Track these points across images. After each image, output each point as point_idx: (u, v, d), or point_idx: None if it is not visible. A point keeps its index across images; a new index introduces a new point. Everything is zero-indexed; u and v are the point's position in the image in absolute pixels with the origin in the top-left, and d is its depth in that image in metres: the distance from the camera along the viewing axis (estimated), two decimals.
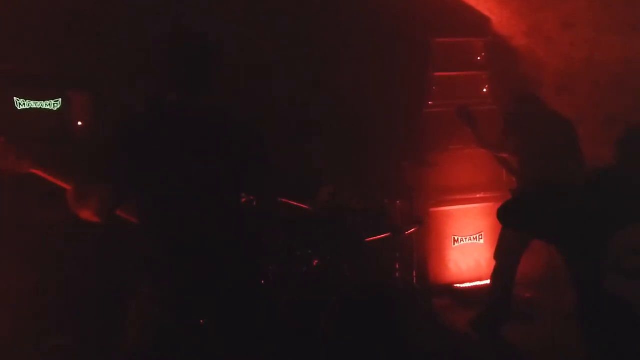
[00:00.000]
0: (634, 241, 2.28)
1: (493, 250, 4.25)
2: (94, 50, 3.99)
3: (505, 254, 4.08)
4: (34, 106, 3.80)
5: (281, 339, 3.26)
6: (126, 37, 3.90)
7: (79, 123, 3.93)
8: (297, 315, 3.58)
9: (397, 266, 4.26)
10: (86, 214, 2.15)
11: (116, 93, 3.92)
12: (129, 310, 2.21)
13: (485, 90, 5.11)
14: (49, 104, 3.85)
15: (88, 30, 4.03)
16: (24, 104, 3.77)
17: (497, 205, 4.85)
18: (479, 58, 5.12)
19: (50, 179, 2.30)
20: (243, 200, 3.55)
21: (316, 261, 3.83)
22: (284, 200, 3.88)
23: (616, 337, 2.33)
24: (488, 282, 4.34)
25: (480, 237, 5.08)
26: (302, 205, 3.93)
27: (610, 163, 2.56)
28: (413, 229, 4.28)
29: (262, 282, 3.45)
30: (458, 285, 5.03)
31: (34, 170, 2.30)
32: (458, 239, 5.07)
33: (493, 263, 4.20)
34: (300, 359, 3.45)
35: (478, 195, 5.09)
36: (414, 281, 4.41)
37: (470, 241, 5.08)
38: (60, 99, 3.87)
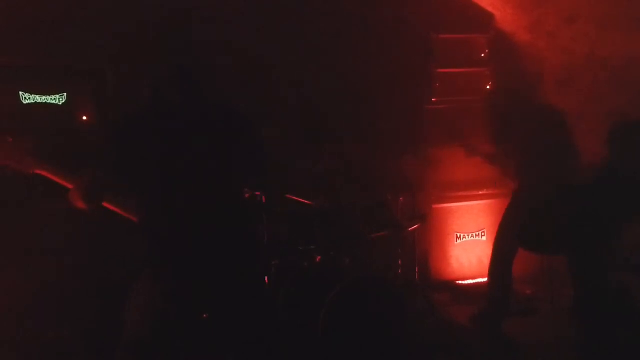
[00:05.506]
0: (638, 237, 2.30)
1: None
2: (99, 44, 4.00)
3: (501, 249, 4.09)
4: (39, 100, 3.83)
5: (282, 333, 3.28)
6: (130, 32, 3.91)
7: (84, 117, 3.96)
8: (298, 309, 3.59)
9: (399, 262, 4.28)
10: (74, 199, 2.19)
11: (120, 89, 3.94)
12: (130, 305, 2.23)
13: (488, 87, 5.12)
14: (54, 99, 3.87)
15: (93, 23, 4.05)
16: (30, 98, 3.80)
17: (500, 202, 4.93)
18: (482, 55, 5.12)
19: (54, 178, 2.33)
20: (247, 195, 3.58)
21: (319, 257, 3.85)
22: (286, 195, 3.90)
23: (621, 331, 2.35)
24: None
25: (483, 234, 5.09)
26: (305, 201, 3.94)
27: (612, 160, 2.56)
28: (415, 226, 4.29)
29: (265, 277, 3.47)
30: (460, 281, 5.04)
31: (38, 171, 2.33)
32: (460, 235, 5.08)
33: None
34: (300, 353, 3.47)
35: (480, 192, 5.09)
36: (416, 277, 4.43)
37: (472, 238, 5.09)
38: (65, 94, 3.90)
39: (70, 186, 2.26)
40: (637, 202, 2.37)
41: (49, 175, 2.33)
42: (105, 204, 2.29)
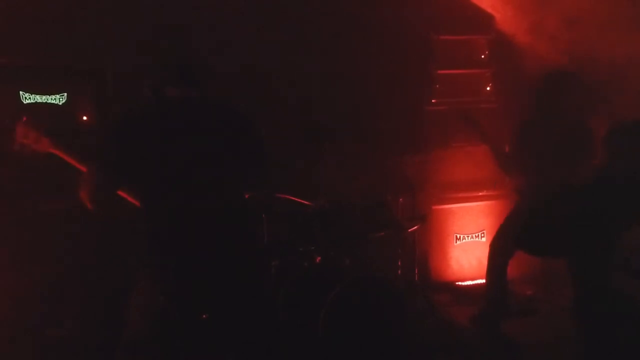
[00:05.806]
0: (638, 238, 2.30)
1: None
2: (99, 44, 4.00)
3: (500, 250, 4.08)
4: (39, 100, 3.83)
5: (282, 333, 3.28)
6: (129, 31, 3.92)
7: (84, 117, 3.97)
8: (298, 309, 3.60)
9: (399, 263, 4.28)
10: (83, 196, 2.20)
11: (120, 89, 3.94)
12: (130, 305, 2.23)
13: (488, 88, 5.12)
14: (54, 99, 3.88)
15: (92, 23, 4.05)
16: (30, 98, 3.80)
17: (500, 203, 4.92)
18: (482, 56, 5.13)
19: (68, 159, 2.36)
20: (247, 195, 3.57)
21: (319, 257, 3.86)
22: (286, 196, 3.91)
23: (621, 332, 2.36)
24: None
25: (482, 235, 5.09)
26: (305, 201, 3.95)
27: (612, 160, 2.56)
28: (415, 226, 4.30)
29: (265, 277, 3.47)
30: (459, 282, 5.05)
31: (52, 150, 2.37)
32: (460, 236, 5.08)
33: None
34: (300, 353, 3.47)
35: (480, 193, 5.10)
36: (416, 278, 4.43)
37: (472, 239, 5.10)
38: (65, 94, 3.90)
39: (83, 169, 2.29)
40: (637, 202, 2.38)
41: (64, 156, 2.38)
42: (120, 192, 2.32)
